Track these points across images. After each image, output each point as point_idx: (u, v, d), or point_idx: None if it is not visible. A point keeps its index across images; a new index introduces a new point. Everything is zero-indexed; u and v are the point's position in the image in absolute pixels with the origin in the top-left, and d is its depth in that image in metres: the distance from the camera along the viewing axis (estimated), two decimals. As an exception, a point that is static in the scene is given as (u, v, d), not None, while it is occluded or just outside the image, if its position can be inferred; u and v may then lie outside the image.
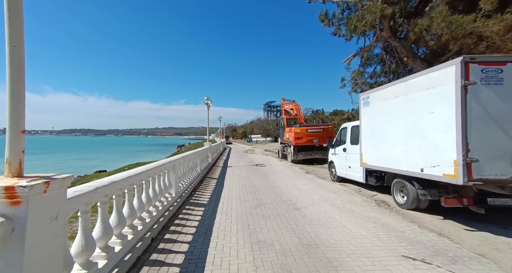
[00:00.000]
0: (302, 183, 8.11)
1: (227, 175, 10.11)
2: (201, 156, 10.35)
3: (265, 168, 12.55)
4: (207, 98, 12.91)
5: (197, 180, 8.14)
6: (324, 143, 15.18)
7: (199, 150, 9.55)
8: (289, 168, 12.27)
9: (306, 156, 15.09)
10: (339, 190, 6.89)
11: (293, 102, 19.86)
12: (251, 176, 9.72)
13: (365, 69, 10.74)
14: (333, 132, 15.48)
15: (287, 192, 6.71)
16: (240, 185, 7.96)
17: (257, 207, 5.33)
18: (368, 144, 6.40)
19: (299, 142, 14.99)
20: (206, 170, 10.86)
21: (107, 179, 2.77)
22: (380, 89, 5.94)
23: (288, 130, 16.48)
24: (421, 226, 4.11)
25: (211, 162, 13.43)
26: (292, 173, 10.43)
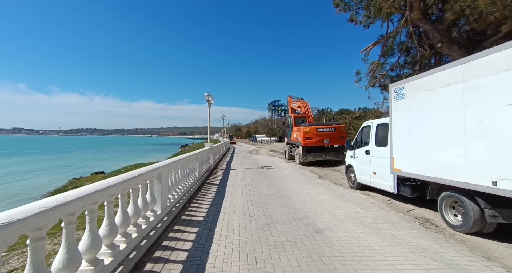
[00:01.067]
0: (317, 191, 6.91)
1: (230, 180, 8.96)
2: (201, 158, 9.22)
3: (272, 171, 11.37)
4: (208, 94, 11.78)
5: (194, 186, 7.01)
6: (335, 143, 13.94)
7: (198, 152, 8.42)
8: (298, 171, 11.06)
9: (316, 157, 13.86)
10: (365, 202, 5.67)
11: (301, 99, 18.59)
12: (257, 182, 8.55)
13: (386, 60, 9.46)
14: (345, 131, 14.20)
15: (301, 204, 5.52)
16: (244, 193, 6.80)
17: (265, 227, 4.16)
18: (402, 145, 5.16)
19: (308, 142, 13.76)
20: (206, 173, 9.74)
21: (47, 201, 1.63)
22: (421, 77, 4.69)
23: (296, 130, 15.26)
24: (506, 266, 2.87)
25: (212, 164, 12.31)
26: (303, 178, 9.22)
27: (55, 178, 22.73)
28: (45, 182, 19.75)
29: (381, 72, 9.69)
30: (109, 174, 16.78)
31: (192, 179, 7.13)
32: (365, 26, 9.15)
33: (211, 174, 10.53)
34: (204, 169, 9.68)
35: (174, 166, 5.34)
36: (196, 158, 8.08)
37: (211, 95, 11.91)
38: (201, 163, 9.29)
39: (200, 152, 8.96)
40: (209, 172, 10.55)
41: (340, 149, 14.14)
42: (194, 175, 7.59)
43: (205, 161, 10.31)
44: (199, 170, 8.22)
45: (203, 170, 9.41)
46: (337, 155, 13.84)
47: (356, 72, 11.35)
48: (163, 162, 4.72)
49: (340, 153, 14.00)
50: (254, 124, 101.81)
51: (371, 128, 6.69)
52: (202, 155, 9.52)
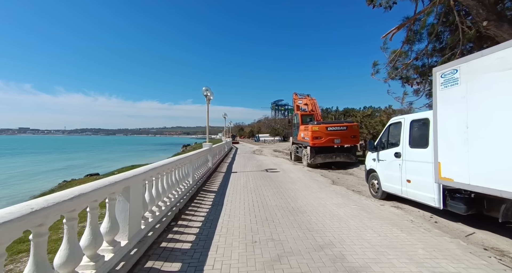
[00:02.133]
0: (335, 201, 5.67)
1: (230, 186, 7.75)
2: (196, 161, 8.04)
3: (278, 174, 10.14)
4: (206, 89, 10.59)
5: (186, 196, 5.82)
6: (347, 143, 12.65)
7: (192, 154, 7.23)
8: (308, 175, 9.81)
9: (325, 159, 12.59)
10: (401, 220, 4.41)
11: (308, 96, 17.29)
12: (261, 189, 7.34)
13: (411, 47, 8.15)
14: (358, 130, 12.91)
15: (319, 222, 4.29)
16: (246, 204, 5.59)
17: (275, 263, 2.94)
18: (454, 147, 3.90)
19: (317, 142, 12.49)
20: (203, 178, 8.56)
21: None
22: (489, 54, 3.42)
23: (303, 129, 14.00)
24: None
25: (212, 166, 11.13)
26: (315, 184, 7.98)
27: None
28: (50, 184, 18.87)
29: (404, 62, 8.39)
30: (104, 175, 15.70)
31: (184, 187, 5.94)
32: (387, 7, 7.85)
33: (209, 177, 9.34)
34: (201, 173, 8.50)
35: (154, 174, 4.15)
36: (190, 161, 6.89)
37: (210, 90, 10.72)
38: (197, 166, 8.11)
39: (196, 153, 7.77)
40: (207, 176, 9.37)
41: (352, 149, 12.85)
42: (186, 181, 6.41)
43: (202, 163, 9.14)
44: (193, 175, 7.04)
45: (200, 174, 8.23)
46: (349, 156, 12.56)
47: (373, 64, 10.07)
48: (135, 170, 3.53)
49: (352, 153, 12.73)
50: (257, 124, 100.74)
51: (403, 125, 5.42)
52: (198, 157, 8.33)
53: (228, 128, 44.16)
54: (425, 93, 8.94)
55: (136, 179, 3.25)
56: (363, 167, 12.43)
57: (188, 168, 6.69)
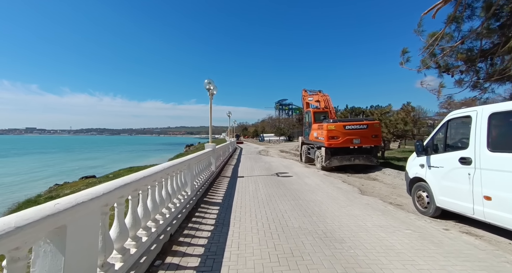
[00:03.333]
0: (377, 221, 4.28)
1: (237, 197, 6.39)
2: (197, 165, 6.72)
3: (291, 180, 8.75)
4: (209, 81, 9.25)
5: (180, 216, 4.48)
6: (368, 143, 11.19)
7: (191, 158, 5.90)
8: (326, 181, 8.40)
9: (342, 161, 11.16)
10: (491, 259, 2.99)
11: (319, 92, 15.82)
12: (276, 200, 5.97)
13: (459, 27, 6.67)
14: (380, 129, 11.43)
15: (372, 263, 2.90)
16: (260, 226, 4.22)
17: None
18: None
19: (334, 142, 11.07)
20: (205, 185, 7.23)
21: None
22: None
23: (316, 128, 12.59)
24: None
25: (215, 170, 9.81)
26: (339, 193, 6.57)
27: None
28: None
29: (446, 46, 6.92)
30: (100, 178, 14.51)
31: (179, 201, 4.62)
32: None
33: (212, 184, 8.00)
34: (203, 179, 7.18)
35: (129, 192, 2.82)
36: (188, 167, 5.56)
37: (213, 83, 9.38)
38: (198, 171, 6.78)
39: (196, 157, 6.44)
40: (210, 182, 8.04)
41: (372, 150, 11.39)
42: (183, 193, 5.08)
43: (204, 168, 7.81)
44: (192, 184, 5.70)
45: (201, 181, 6.90)
46: (369, 158, 11.11)
47: (402, 51, 8.62)
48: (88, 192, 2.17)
49: (373, 155, 11.27)
50: (261, 124, 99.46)
51: (476, 121, 3.97)
52: (199, 161, 7.00)
53: (233, 128, 42.86)
54: (471, 84, 7.45)
55: (86, 209, 1.91)
56: (387, 170, 11.13)
57: (185, 175, 5.36)
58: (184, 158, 5.48)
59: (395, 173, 9.87)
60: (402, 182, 8.48)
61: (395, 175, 9.63)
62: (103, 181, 13.07)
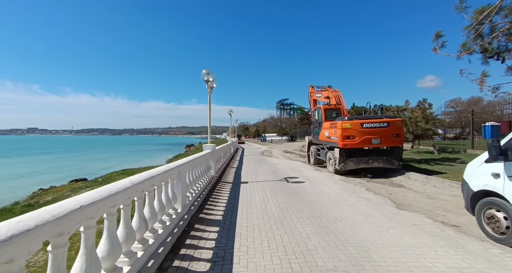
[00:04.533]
0: (451, 260, 2.97)
1: (241, 213, 5.07)
2: (191, 173, 5.41)
3: (304, 187, 7.43)
4: (207, 72, 7.94)
5: (166, 243, 3.19)
6: (388, 143, 9.85)
7: (184, 163, 4.59)
8: (347, 189, 7.07)
9: (359, 164, 9.83)
10: None
11: (329, 88, 14.44)
12: (291, 217, 4.66)
13: (521, -3, 5.34)
14: (402, 128, 10.08)
15: None
16: (276, 266, 2.92)
17: None
18: None
19: (349, 142, 9.75)
20: (203, 195, 5.94)
21: None
22: None
23: (328, 126, 11.26)
24: None
25: (215, 175, 8.51)
26: (370, 207, 5.23)
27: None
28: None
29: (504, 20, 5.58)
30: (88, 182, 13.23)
31: (161, 227, 3.32)
32: None
33: (211, 193, 6.70)
34: (199, 188, 5.87)
35: (71, 225, 1.51)
36: (179, 175, 4.27)
37: (212, 75, 8.07)
38: (193, 179, 5.48)
39: (191, 161, 5.13)
40: (208, 190, 6.75)
41: (393, 151, 10.06)
42: (171, 211, 3.78)
43: (201, 174, 6.51)
44: (184, 198, 4.40)
45: (197, 191, 5.60)
46: (390, 160, 9.77)
47: (435, 35, 7.26)
48: None
49: (394, 157, 9.94)
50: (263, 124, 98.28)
51: None
52: (194, 166, 5.70)
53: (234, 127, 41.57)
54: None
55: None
56: (412, 175, 9.25)
57: (174, 187, 4.06)
58: (172, 165, 4.18)
59: (423, 178, 8.53)
60: (436, 190, 7.16)
61: (423, 181, 8.29)
62: (92, 186, 11.80)
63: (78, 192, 10.05)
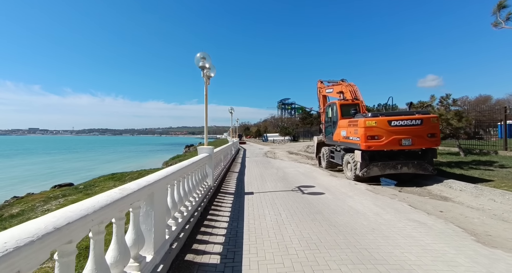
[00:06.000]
0: None
1: (248, 247, 3.44)
2: (180, 186, 3.79)
3: (328, 202, 5.80)
4: (202, 56, 6.30)
5: None
6: (421, 145, 8.20)
7: (166, 176, 2.98)
8: (385, 205, 5.43)
9: (385, 169, 8.20)
10: None
11: (342, 82, 12.73)
12: (324, 255, 3.04)
13: None
14: (438, 126, 8.42)
15: None
16: None
17: None
18: None
19: (374, 143, 8.12)
20: (196, 214, 4.34)
21: None
22: None
23: (345, 125, 9.63)
24: None
25: (212, 184, 6.89)
26: (439, 239, 3.57)
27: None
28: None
29: None
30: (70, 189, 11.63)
31: None
32: None
33: (206, 211, 5.08)
34: (190, 208, 4.26)
35: None
36: (151, 200, 2.65)
37: (209, 60, 6.43)
38: (179, 198, 3.86)
39: (178, 171, 3.50)
40: (203, 207, 5.14)
41: (427, 154, 8.41)
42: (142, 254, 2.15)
43: (194, 186, 4.90)
44: (158, 235, 2.79)
45: (187, 214, 3.99)
46: (423, 165, 8.13)
47: (497, 5, 5.79)
48: None
49: (428, 161, 8.29)
50: (264, 123, 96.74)
51: None
52: (182, 177, 4.07)
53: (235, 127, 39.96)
54: None
55: None
56: (454, 184, 7.25)
57: (142, 219, 2.45)
58: (143, 181, 2.55)
59: (470, 188, 6.88)
60: (500, 207, 5.39)
61: (472, 192, 6.64)
62: (70, 195, 10.19)
63: (51, 202, 8.48)
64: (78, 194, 8.91)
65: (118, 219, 2.05)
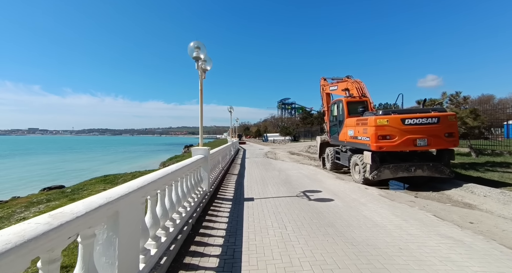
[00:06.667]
0: None
1: None
2: (159, 202, 3.07)
3: (337, 209, 5.09)
4: (196, 45, 5.57)
5: None
6: (438, 145, 7.47)
7: (140, 187, 2.28)
8: (406, 215, 4.71)
9: (397, 172, 7.50)
10: None
11: (347, 78, 12.01)
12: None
13: None
14: (456, 124, 7.71)
15: None
16: None
17: None
18: None
19: (386, 143, 7.41)
20: (184, 229, 3.63)
21: None
22: None
23: (353, 123, 8.92)
24: None
25: (208, 189, 6.17)
26: (485, 264, 2.91)
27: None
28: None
29: None
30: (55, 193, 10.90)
31: None
32: None
33: (199, 223, 4.36)
34: (178, 222, 3.55)
35: None
36: (115, 224, 1.93)
37: (204, 50, 5.71)
38: (162, 213, 3.14)
39: (161, 178, 2.79)
40: (196, 218, 4.43)
41: (443, 156, 7.70)
42: None
43: (185, 194, 4.19)
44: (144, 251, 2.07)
45: (173, 231, 3.28)
46: (439, 167, 7.42)
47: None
48: None
49: (445, 164, 7.58)
50: (264, 123, 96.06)
51: None
52: (168, 185, 3.36)
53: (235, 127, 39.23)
54: None
55: None
56: (475, 188, 6.50)
57: (115, 238, 1.72)
58: (101, 198, 1.83)
59: (496, 193, 6.17)
60: None
61: (499, 198, 5.93)
62: (55, 199, 9.48)
63: (31, 208, 7.76)
64: (63, 199, 8.20)
65: (47, 262, 1.34)
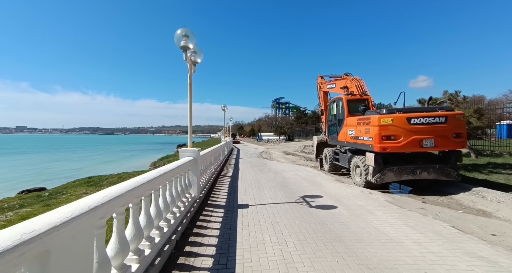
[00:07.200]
0: None
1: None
2: (132, 217, 2.42)
3: (342, 219, 4.52)
4: (184, 33, 4.90)
5: None
6: (446, 146, 7.01)
7: (117, 196, 1.64)
8: (422, 227, 4.17)
9: (401, 175, 7.02)
10: None
11: (346, 76, 11.50)
12: None
13: None
14: (464, 124, 7.25)
15: None
16: None
17: None
18: None
19: (391, 144, 6.91)
20: (170, 241, 2.99)
21: None
22: None
23: (354, 122, 8.40)
24: None
25: (198, 195, 5.51)
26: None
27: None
28: None
29: None
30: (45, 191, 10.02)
31: None
32: None
33: (189, 232, 3.72)
34: (164, 235, 2.91)
35: None
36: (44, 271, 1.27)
37: (193, 40, 5.05)
38: (135, 231, 2.49)
39: (137, 188, 2.15)
40: (183, 229, 3.78)
41: (450, 157, 7.26)
42: None
43: (169, 203, 3.54)
44: None
45: (156, 245, 2.63)
46: (445, 170, 6.97)
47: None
48: None
49: (452, 166, 7.13)
50: (258, 123, 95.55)
51: None
52: (147, 195, 2.70)
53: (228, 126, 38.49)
54: None
55: None
56: (486, 193, 5.99)
57: None
58: (15, 231, 1.18)
59: (510, 199, 5.73)
60: None
61: (514, 204, 5.49)
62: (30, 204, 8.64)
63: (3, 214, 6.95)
64: (37, 204, 7.39)
65: None
